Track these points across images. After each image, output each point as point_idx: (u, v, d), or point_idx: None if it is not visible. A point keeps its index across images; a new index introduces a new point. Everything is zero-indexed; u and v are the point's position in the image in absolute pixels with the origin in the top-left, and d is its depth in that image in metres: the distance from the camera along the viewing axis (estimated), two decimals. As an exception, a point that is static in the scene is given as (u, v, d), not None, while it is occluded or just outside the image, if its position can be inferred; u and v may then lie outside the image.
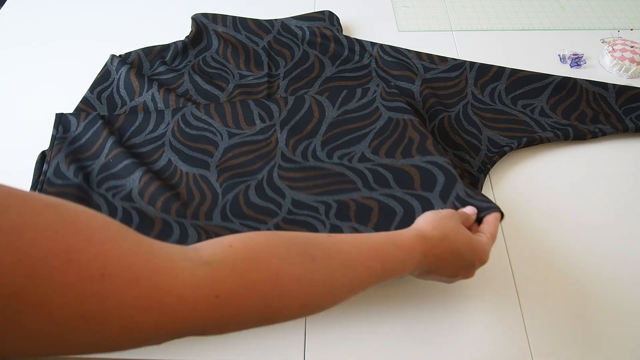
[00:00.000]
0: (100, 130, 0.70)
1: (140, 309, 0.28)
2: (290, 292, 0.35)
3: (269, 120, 0.73)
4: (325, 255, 0.37)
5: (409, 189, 0.61)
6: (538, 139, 0.72)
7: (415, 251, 0.43)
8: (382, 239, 0.42)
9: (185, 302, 0.30)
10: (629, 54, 0.84)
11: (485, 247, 0.47)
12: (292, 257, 0.35)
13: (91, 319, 0.26)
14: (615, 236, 0.64)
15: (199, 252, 0.34)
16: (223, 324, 0.33)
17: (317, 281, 0.36)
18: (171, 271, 0.30)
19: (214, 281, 0.32)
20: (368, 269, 0.39)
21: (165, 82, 0.82)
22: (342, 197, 0.62)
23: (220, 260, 0.33)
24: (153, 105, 0.77)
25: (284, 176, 0.66)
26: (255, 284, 0.33)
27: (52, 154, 0.67)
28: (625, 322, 0.56)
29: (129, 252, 0.29)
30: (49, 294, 0.24)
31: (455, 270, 0.47)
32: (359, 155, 0.67)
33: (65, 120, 0.72)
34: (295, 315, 0.36)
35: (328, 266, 0.37)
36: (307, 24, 0.91)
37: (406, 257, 0.42)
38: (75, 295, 0.25)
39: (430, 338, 0.55)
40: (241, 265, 0.33)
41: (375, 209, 0.60)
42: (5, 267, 0.23)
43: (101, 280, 0.26)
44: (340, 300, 0.39)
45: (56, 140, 0.69)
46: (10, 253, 0.23)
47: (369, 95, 0.75)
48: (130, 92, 0.79)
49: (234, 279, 0.33)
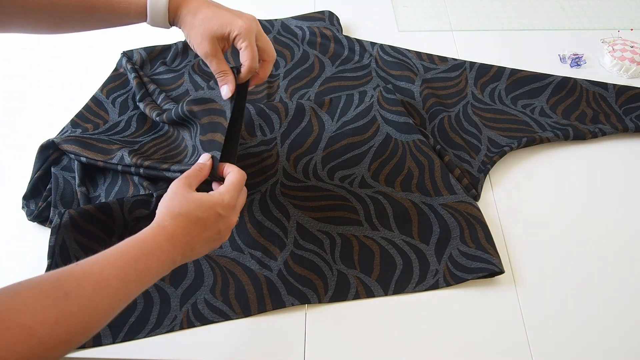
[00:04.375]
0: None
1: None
2: (51, 338, 0.35)
3: (269, 132, 0.73)
4: (77, 284, 0.38)
5: (407, 235, 0.63)
6: (538, 139, 0.72)
7: (159, 239, 0.44)
8: (129, 244, 0.43)
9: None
10: (629, 54, 0.84)
11: (215, 199, 0.48)
12: (43, 302, 0.36)
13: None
14: (616, 235, 0.64)
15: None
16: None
17: (77, 313, 0.37)
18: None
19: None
20: (123, 279, 0.40)
21: (166, 82, 0.82)
22: (346, 230, 0.63)
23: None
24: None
25: (287, 194, 0.66)
26: (9, 343, 0.34)
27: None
28: (625, 322, 0.56)
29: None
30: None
31: (211, 229, 0.47)
32: (359, 179, 0.68)
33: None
34: (65, 351, 0.37)
35: (82, 294, 0.38)
36: (307, 24, 0.91)
37: (155, 249, 0.43)
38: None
39: (429, 338, 0.55)
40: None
41: (377, 256, 0.61)
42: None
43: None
44: (108, 319, 0.40)
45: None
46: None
47: (367, 101, 0.75)
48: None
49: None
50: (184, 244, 0.45)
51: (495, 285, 0.59)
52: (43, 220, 0.64)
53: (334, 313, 0.57)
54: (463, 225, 0.62)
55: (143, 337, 0.55)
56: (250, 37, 0.53)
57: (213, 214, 0.47)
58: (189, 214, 0.46)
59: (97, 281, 0.39)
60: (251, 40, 0.53)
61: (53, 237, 0.57)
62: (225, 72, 0.55)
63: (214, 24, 0.53)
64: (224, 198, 0.48)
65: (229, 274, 0.59)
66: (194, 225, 0.46)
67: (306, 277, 0.59)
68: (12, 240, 0.63)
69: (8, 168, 0.72)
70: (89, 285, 0.39)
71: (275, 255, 0.61)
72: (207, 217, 0.47)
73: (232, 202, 0.49)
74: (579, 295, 0.58)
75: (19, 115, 0.79)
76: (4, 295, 0.36)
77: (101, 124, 0.75)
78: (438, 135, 0.74)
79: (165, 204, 0.47)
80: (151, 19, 0.54)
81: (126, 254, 0.42)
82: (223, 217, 0.48)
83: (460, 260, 0.59)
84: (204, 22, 0.53)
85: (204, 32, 0.53)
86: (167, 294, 0.58)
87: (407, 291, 0.58)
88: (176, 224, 0.45)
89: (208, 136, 0.57)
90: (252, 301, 0.57)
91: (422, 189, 0.66)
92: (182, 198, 0.47)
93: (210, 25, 0.53)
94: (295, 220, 0.64)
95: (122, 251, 0.42)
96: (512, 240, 0.63)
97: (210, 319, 0.56)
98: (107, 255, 0.42)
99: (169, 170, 0.61)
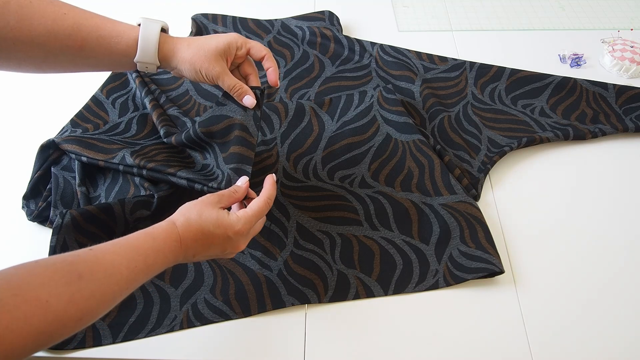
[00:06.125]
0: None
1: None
2: (65, 314, 0.37)
3: (269, 132, 0.73)
4: (90, 269, 0.40)
5: (407, 235, 0.63)
6: (538, 139, 0.72)
7: (169, 239, 0.46)
8: (141, 236, 0.45)
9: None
10: (629, 54, 0.84)
11: (231, 221, 0.49)
12: (57, 281, 0.38)
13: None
14: (616, 235, 0.64)
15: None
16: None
17: (88, 296, 0.39)
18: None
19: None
20: (133, 269, 0.43)
21: (166, 82, 0.82)
22: (346, 230, 0.63)
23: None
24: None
25: (287, 194, 0.66)
26: (27, 315, 0.35)
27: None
28: (625, 321, 0.56)
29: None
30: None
31: (218, 246, 0.49)
32: (359, 179, 0.68)
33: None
34: (73, 330, 0.39)
35: (95, 279, 0.40)
36: (307, 24, 0.91)
37: (164, 247, 0.45)
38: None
39: (429, 338, 0.55)
40: (9, 302, 0.35)
41: (377, 255, 0.61)
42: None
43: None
44: (114, 303, 0.42)
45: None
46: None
47: (367, 101, 0.75)
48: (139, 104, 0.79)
49: (5, 316, 0.34)
50: (188, 249, 0.47)
51: (495, 285, 0.59)
52: (43, 220, 0.64)
53: (334, 313, 0.57)
54: (463, 225, 0.62)
55: (143, 337, 0.55)
56: (245, 39, 0.55)
57: (223, 234, 0.49)
58: (201, 226, 0.48)
59: (108, 269, 0.41)
60: (248, 40, 0.56)
61: (54, 237, 0.57)
62: (240, 85, 0.57)
63: (211, 44, 0.54)
64: (239, 224, 0.49)
65: (229, 274, 0.59)
66: (203, 237, 0.48)
67: (306, 277, 0.59)
68: (12, 240, 0.63)
69: (8, 168, 0.72)
70: (100, 272, 0.41)
71: (275, 255, 0.61)
72: (217, 234, 0.48)
73: (245, 229, 0.50)
74: (579, 295, 0.58)
75: (19, 115, 0.79)
76: (22, 270, 0.38)
77: (101, 124, 0.75)
78: (438, 135, 0.74)
79: (186, 207, 0.49)
80: (141, 52, 0.54)
81: (138, 247, 0.44)
82: (232, 240, 0.49)
83: (460, 260, 0.59)
84: (204, 46, 0.54)
85: (207, 53, 0.54)
86: (167, 294, 0.58)
87: (407, 291, 0.58)
88: (187, 230, 0.47)
89: (233, 149, 0.56)
90: (252, 301, 0.57)
91: (422, 189, 0.66)
92: (203, 209, 0.49)
93: (209, 46, 0.54)
94: (295, 220, 0.64)
95: (134, 244, 0.44)
96: (512, 240, 0.63)
97: (210, 319, 0.56)
98: (119, 245, 0.44)
99: (174, 175, 0.61)
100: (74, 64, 0.54)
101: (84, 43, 0.52)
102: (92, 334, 0.55)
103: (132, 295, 0.57)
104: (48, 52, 0.52)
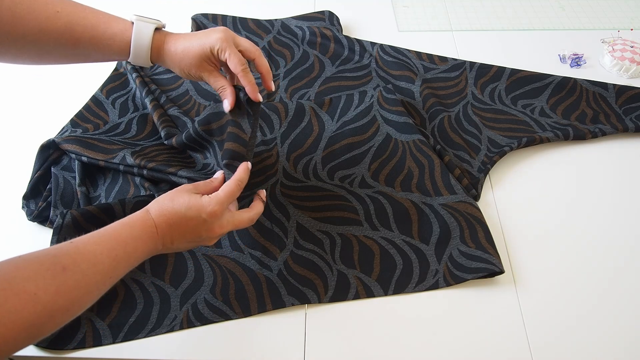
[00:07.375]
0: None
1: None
2: (53, 305, 0.39)
3: (269, 132, 0.73)
4: (73, 261, 0.41)
5: (407, 235, 0.63)
6: (538, 139, 0.72)
7: (145, 225, 0.47)
8: (118, 226, 0.47)
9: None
10: (629, 54, 0.84)
11: (203, 202, 0.49)
12: (43, 274, 0.39)
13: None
14: (616, 235, 0.64)
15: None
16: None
17: (73, 287, 0.40)
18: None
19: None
20: (114, 258, 0.44)
21: (166, 82, 0.82)
22: (346, 230, 0.63)
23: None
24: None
25: (287, 194, 0.66)
26: (17, 308, 0.36)
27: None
28: (625, 321, 0.56)
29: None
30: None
31: (193, 231, 0.50)
32: (359, 179, 0.68)
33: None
34: (62, 322, 0.40)
35: (79, 270, 0.41)
36: (307, 24, 0.91)
37: (142, 234, 0.47)
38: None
39: (429, 338, 0.55)
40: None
41: (377, 255, 0.61)
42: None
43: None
44: (99, 293, 0.44)
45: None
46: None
47: (367, 101, 0.75)
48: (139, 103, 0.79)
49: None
50: (165, 235, 0.48)
51: (495, 285, 0.59)
52: (43, 220, 0.64)
53: (334, 313, 0.57)
54: (463, 225, 0.62)
55: (143, 337, 0.55)
56: (229, 44, 0.55)
57: (197, 216, 0.49)
58: (174, 209, 0.49)
59: (91, 259, 0.43)
60: (231, 47, 0.55)
61: (55, 237, 0.57)
62: (223, 87, 0.57)
63: (195, 49, 0.55)
64: (210, 205, 0.50)
65: (229, 274, 0.59)
66: (177, 221, 0.49)
67: (306, 277, 0.59)
68: (12, 240, 0.63)
69: (8, 168, 0.72)
70: (84, 262, 0.42)
71: (275, 255, 0.61)
72: (190, 216, 0.49)
73: (217, 211, 0.50)
74: (579, 295, 0.58)
75: (19, 115, 0.79)
76: (8, 265, 0.39)
77: (101, 124, 0.75)
78: (438, 135, 0.74)
79: (161, 196, 0.51)
80: (134, 55, 0.55)
81: (117, 237, 0.45)
82: (207, 223, 0.50)
83: (460, 260, 0.59)
84: (186, 51, 0.55)
85: (192, 59, 0.55)
86: (167, 294, 0.58)
87: (407, 291, 0.58)
88: (161, 215, 0.48)
89: (226, 145, 0.56)
90: (252, 301, 0.57)
91: (422, 188, 0.66)
92: (176, 194, 0.50)
93: (193, 51, 0.55)
94: (295, 220, 0.64)
95: (113, 234, 0.46)
96: (512, 240, 0.63)
97: (210, 319, 0.56)
98: (99, 235, 0.45)
99: (175, 175, 0.62)
100: (69, 59, 0.55)
101: (77, 42, 0.53)
102: (92, 334, 0.55)
103: (132, 295, 0.57)
104: (41, 49, 0.52)
